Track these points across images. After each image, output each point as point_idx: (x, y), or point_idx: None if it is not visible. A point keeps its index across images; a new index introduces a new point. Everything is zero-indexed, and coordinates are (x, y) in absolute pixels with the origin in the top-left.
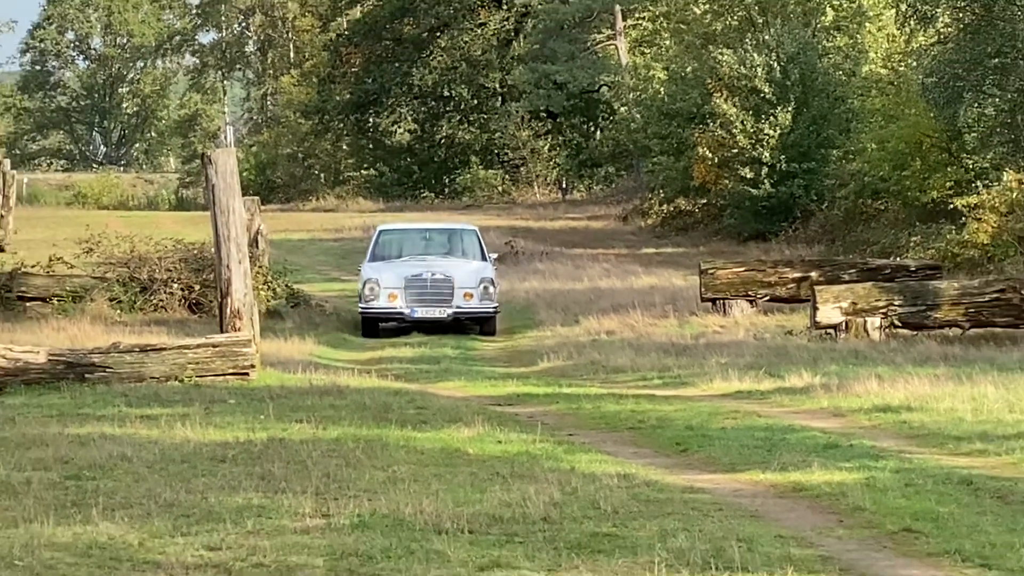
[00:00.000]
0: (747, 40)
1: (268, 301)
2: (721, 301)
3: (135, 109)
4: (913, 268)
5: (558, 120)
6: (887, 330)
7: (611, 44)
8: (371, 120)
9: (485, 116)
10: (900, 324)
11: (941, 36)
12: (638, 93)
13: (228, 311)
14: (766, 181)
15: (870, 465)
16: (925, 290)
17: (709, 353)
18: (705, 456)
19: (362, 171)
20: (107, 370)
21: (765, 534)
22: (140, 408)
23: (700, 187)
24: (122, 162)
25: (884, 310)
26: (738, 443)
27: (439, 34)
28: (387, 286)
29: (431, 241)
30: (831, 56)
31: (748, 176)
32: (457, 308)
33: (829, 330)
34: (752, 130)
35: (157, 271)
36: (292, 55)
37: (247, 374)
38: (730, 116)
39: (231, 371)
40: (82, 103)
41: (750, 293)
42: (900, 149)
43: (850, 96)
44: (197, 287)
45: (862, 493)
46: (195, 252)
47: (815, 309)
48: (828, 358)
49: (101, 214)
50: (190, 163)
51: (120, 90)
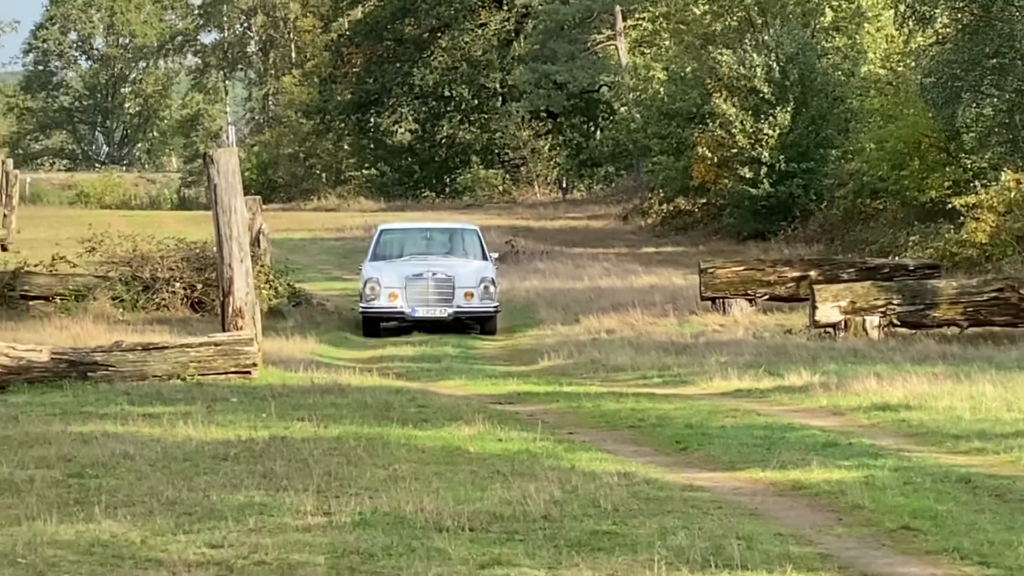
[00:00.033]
0: (746, 40)
1: (270, 300)
2: (721, 300)
3: (137, 109)
4: (912, 267)
5: (558, 120)
6: (886, 329)
7: (611, 44)
8: (372, 120)
9: (486, 116)
10: (899, 323)
11: (939, 36)
12: (638, 93)
13: (230, 310)
14: (765, 181)
15: (869, 463)
16: (924, 289)
17: (709, 352)
18: (705, 454)
19: (363, 171)
20: (110, 369)
21: (764, 532)
22: (142, 406)
23: (700, 187)
24: (124, 162)
25: (883, 309)
26: (737, 441)
27: (440, 34)
28: (388, 285)
29: (432, 241)
30: (830, 56)
31: (747, 176)
32: (458, 307)
33: (828, 329)
34: (751, 130)
35: (159, 270)
36: (294, 55)
37: (249, 373)
38: (729, 116)
39: (233, 370)
40: (85, 103)
41: (749, 292)
42: (899, 149)
43: (849, 96)
44: (199, 286)
45: (861, 491)
46: (197, 251)
47: (814, 308)
48: (827, 357)
49: (104, 213)
50: (192, 163)
51: (122, 90)
